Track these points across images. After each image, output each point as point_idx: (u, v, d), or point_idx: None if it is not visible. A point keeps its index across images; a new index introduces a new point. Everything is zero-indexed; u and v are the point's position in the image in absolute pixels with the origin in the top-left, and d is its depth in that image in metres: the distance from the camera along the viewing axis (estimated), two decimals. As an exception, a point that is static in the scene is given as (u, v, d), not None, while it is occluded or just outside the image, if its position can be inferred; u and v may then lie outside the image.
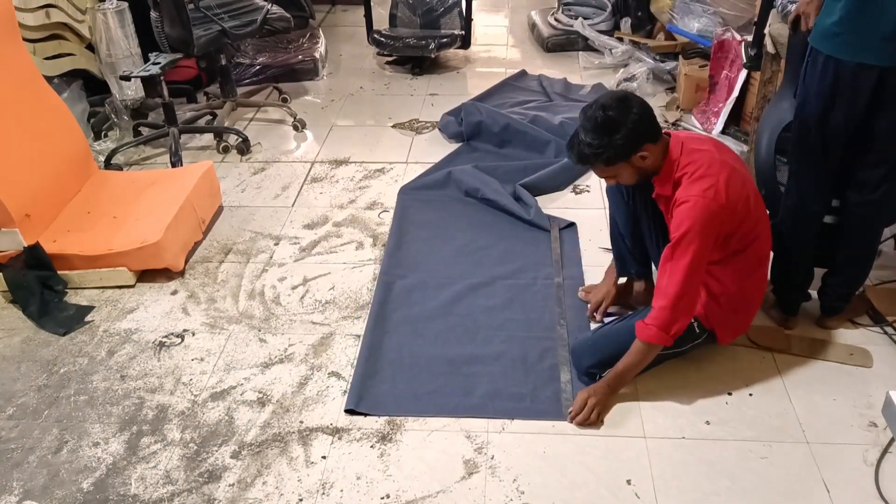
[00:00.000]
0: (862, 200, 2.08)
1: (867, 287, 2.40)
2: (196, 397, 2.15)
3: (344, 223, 2.96)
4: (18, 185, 2.57)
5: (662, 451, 1.93)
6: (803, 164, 2.10)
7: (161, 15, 3.26)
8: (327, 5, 5.57)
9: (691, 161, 1.90)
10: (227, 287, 2.61)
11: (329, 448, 1.97)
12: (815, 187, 2.11)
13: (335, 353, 2.29)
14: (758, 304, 2.14)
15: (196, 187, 2.84)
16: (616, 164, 1.93)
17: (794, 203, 2.16)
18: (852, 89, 1.90)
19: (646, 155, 1.91)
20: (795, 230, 2.18)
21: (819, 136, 2.01)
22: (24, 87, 2.77)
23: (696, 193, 1.84)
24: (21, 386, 2.21)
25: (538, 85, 4.12)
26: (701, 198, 1.83)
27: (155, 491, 1.86)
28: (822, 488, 1.82)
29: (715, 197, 1.83)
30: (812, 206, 2.14)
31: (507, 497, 1.82)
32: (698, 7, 3.87)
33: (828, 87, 1.93)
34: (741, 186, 1.91)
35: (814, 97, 1.98)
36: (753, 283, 2.06)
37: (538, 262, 2.65)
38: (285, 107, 3.88)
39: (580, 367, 2.10)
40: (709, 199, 1.83)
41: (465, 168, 3.17)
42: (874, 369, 2.16)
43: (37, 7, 3.25)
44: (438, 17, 4.48)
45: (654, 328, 1.91)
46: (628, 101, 1.90)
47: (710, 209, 1.83)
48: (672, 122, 3.67)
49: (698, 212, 1.83)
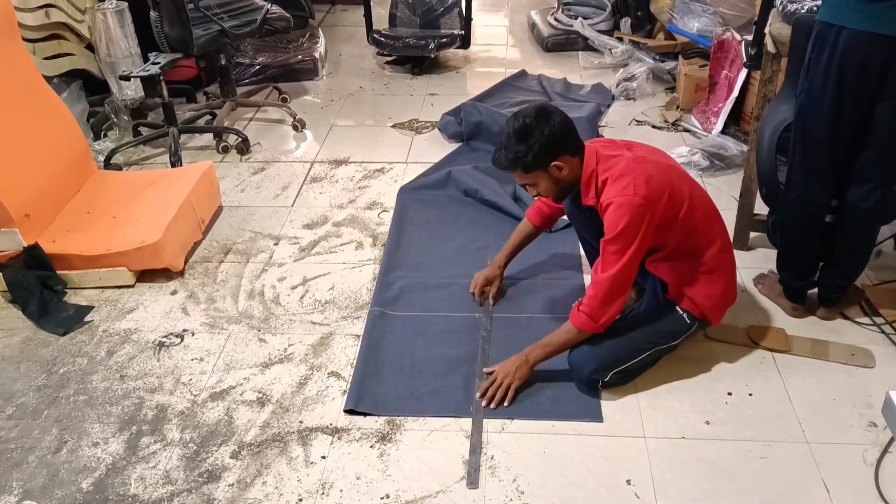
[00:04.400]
0: (863, 196, 2.08)
1: (865, 285, 2.41)
2: (196, 397, 2.15)
3: (343, 223, 2.96)
4: (18, 185, 2.57)
5: (662, 451, 1.93)
6: (809, 154, 2.09)
7: (160, 15, 3.26)
8: (327, 5, 5.57)
9: (607, 167, 1.97)
10: (227, 287, 2.61)
11: (329, 448, 1.96)
12: (821, 177, 2.11)
13: (335, 353, 2.29)
14: (733, 270, 2.13)
15: (195, 187, 2.84)
16: (533, 171, 2.00)
17: (799, 195, 2.16)
18: (863, 65, 1.88)
19: (562, 166, 1.98)
20: (800, 222, 2.19)
21: (827, 122, 2.00)
22: (23, 87, 2.77)
23: (616, 194, 1.91)
24: (20, 386, 2.21)
25: (538, 85, 4.12)
26: (621, 196, 1.90)
27: (154, 491, 1.86)
28: (821, 488, 1.82)
29: (635, 192, 1.89)
30: (818, 197, 2.14)
31: (507, 497, 1.82)
32: (698, 7, 3.87)
33: (837, 64, 1.91)
34: (664, 175, 1.96)
35: (821, 79, 1.96)
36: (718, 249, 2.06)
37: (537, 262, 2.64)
38: (285, 107, 3.88)
39: (581, 377, 2.08)
40: (629, 195, 1.89)
41: (464, 168, 3.17)
42: (874, 369, 2.16)
43: (36, 7, 3.25)
44: (438, 17, 4.48)
45: (584, 315, 1.98)
46: (548, 112, 1.98)
47: (634, 203, 1.88)
48: (672, 121, 3.67)
49: (624, 210, 1.89)
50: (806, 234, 2.22)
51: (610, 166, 1.96)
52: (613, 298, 1.95)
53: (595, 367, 2.03)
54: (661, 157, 2.07)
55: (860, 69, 1.90)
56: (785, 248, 2.31)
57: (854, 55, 1.89)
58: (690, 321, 2.08)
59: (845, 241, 2.19)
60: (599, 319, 1.96)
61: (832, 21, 1.91)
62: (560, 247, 2.74)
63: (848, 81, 1.93)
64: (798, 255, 2.28)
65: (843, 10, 1.89)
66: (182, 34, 3.26)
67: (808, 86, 2.02)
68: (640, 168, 1.93)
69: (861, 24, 1.86)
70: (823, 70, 1.96)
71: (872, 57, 1.87)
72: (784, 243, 2.30)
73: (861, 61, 1.89)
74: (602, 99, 3.90)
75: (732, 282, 2.14)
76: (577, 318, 2.00)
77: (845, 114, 1.98)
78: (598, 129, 3.59)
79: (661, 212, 1.93)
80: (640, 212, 1.88)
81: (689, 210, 1.99)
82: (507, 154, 1.99)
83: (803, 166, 2.13)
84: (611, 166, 1.96)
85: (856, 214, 2.12)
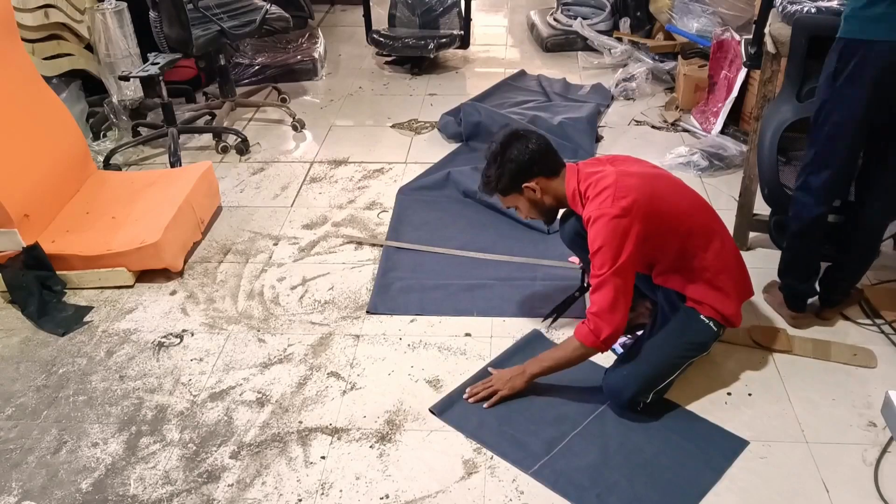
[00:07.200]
0: (882, 206, 2.08)
1: (864, 285, 2.41)
2: (195, 397, 2.15)
3: (343, 223, 2.96)
4: (17, 186, 2.57)
5: (662, 451, 1.93)
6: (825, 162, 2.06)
7: (160, 15, 3.26)
8: (326, 5, 5.57)
9: (589, 184, 1.97)
10: (226, 287, 2.61)
11: (328, 448, 1.96)
12: (835, 187, 2.10)
13: (334, 353, 2.29)
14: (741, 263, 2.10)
15: (195, 187, 2.83)
16: (510, 194, 2.07)
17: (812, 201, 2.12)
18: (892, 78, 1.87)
19: (535, 187, 2.02)
20: (804, 231, 2.17)
21: (857, 137, 1.99)
22: (22, 88, 2.77)
23: (595, 208, 1.91)
24: (20, 386, 2.21)
25: (537, 85, 4.12)
26: (599, 210, 1.89)
27: (154, 491, 1.86)
28: (821, 488, 1.82)
29: (613, 203, 1.88)
30: (823, 207, 2.12)
31: (507, 497, 1.82)
32: (697, 7, 3.87)
33: (870, 79, 1.89)
34: (648, 184, 1.94)
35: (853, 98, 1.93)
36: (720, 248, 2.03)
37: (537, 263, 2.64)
38: (284, 107, 3.88)
39: (622, 402, 2.01)
40: (606, 208, 1.88)
41: (463, 169, 3.17)
42: (873, 369, 2.16)
43: (35, 7, 3.25)
44: (437, 17, 4.48)
45: (587, 330, 1.93)
46: (520, 136, 2.03)
47: (613, 215, 1.87)
48: (671, 121, 3.68)
49: (604, 223, 1.87)
50: (811, 241, 2.20)
51: (592, 182, 1.96)
52: (614, 311, 1.89)
53: (637, 390, 1.97)
54: (645, 167, 2.06)
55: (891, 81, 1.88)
56: (788, 254, 2.27)
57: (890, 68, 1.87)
58: (717, 328, 2.02)
59: (855, 245, 2.17)
60: (601, 335, 1.90)
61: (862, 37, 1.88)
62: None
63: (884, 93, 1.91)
64: (803, 261, 2.25)
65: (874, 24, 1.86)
66: (181, 34, 3.26)
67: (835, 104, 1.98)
68: (621, 181, 1.92)
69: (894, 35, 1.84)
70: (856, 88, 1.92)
71: None
72: (787, 249, 2.27)
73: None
74: (601, 99, 3.90)
75: (744, 274, 2.10)
76: (580, 330, 1.95)
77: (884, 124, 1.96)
78: (597, 129, 3.59)
79: (648, 220, 1.89)
80: (621, 223, 1.86)
81: (680, 214, 1.97)
82: (483, 179, 2.09)
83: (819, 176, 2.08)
84: (593, 182, 1.95)
85: (868, 218, 2.11)
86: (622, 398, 2.00)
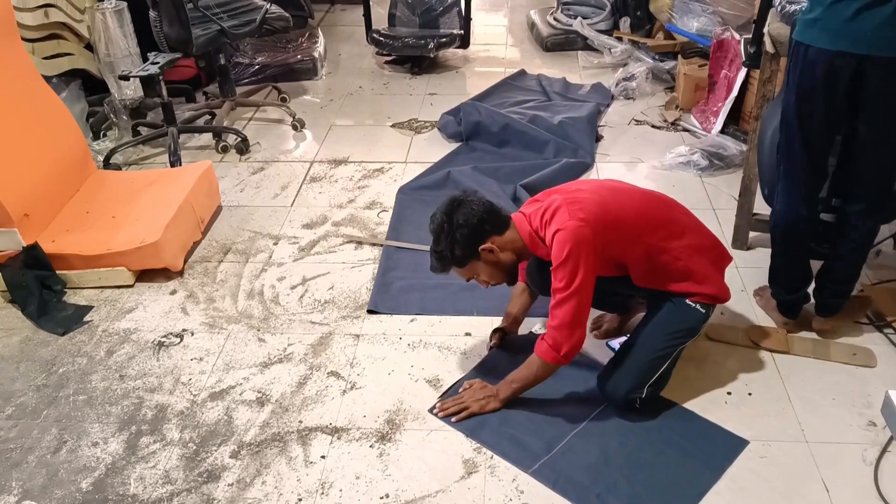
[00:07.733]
0: (856, 210, 2.08)
1: (865, 286, 2.40)
2: (195, 397, 2.15)
3: (343, 223, 2.96)
4: (17, 185, 2.57)
5: (662, 450, 1.93)
6: (789, 167, 2.10)
7: (160, 14, 3.26)
8: (326, 5, 5.57)
9: (541, 218, 1.94)
10: (226, 287, 2.61)
11: (328, 448, 1.96)
12: (803, 192, 2.10)
13: (334, 352, 2.29)
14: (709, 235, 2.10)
15: (195, 187, 2.83)
16: (467, 263, 1.98)
17: (783, 207, 2.15)
18: (830, 81, 1.89)
19: (492, 248, 1.95)
20: (786, 234, 2.17)
21: (801, 136, 2.01)
22: (22, 87, 2.77)
23: (555, 226, 1.88)
24: (20, 386, 2.21)
25: (537, 84, 4.12)
26: (557, 225, 1.87)
27: (154, 491, 1.86)
28: (821, 488, 1.82)
29: (570, 217, 1.86)
30: (800, 211, 2.12)
31: (507, 497, 1.82)
32: (697, 6, 3.87)
33: (807, 79, 1.93)
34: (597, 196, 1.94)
35: (794, 93, 1.98)
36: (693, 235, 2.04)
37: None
38: (284, 106, 3.88)
39: (617, 399, 2.00)
40: (564, 222, 1.86)
41: (463, 169, 3.17)
42: (873, 369, 2.16)
43: (35, 7, 3.25)
44: (437, 17, 4.48)
45: (547, 345, 1.90)
46: (459, 202, 1.96)
47: (572, 228, 1.84)
48: (671, 121, 3.68)
49: (564, 236, 1.85)
50: (794, 248, 2.19)
51: (543, 213, 1.93)
52: (573, 326, 1.87)
53: (630, 387, 1.96)
54: (590, 182, 2.04)
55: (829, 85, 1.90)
56: (774, 261, 2.26)
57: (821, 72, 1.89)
58: (705, 309, 2.02)
59: (841, 247, 2.16)
60: (562, 349, 1.88)
61: (801, 40, 1.92)
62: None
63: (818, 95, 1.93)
64: (787, 270, 2.24)
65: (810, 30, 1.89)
66: (181, 34, 3.26)
67: (787, 98, 2.02)
68: (571, 197, 1.92)
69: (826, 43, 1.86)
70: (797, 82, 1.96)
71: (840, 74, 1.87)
72: (773, 256, 2.26)
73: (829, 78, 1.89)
74: (601, 98, 3.90)
75: (715, 244, 2.09)
76: (539, 347, 1.93)
77: (820, 128, 1.98)
78: (597, 128, 3.59)
79: (607, 229, 1.89)
80: (580, 234, 1.84)
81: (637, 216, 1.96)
82: (435, 258, 1.99)
83: (787, 176, 2.11)
84: (544, 212, 1.92)
85: (856, 226, 2.10)
86: (617, 396, 1.99)
